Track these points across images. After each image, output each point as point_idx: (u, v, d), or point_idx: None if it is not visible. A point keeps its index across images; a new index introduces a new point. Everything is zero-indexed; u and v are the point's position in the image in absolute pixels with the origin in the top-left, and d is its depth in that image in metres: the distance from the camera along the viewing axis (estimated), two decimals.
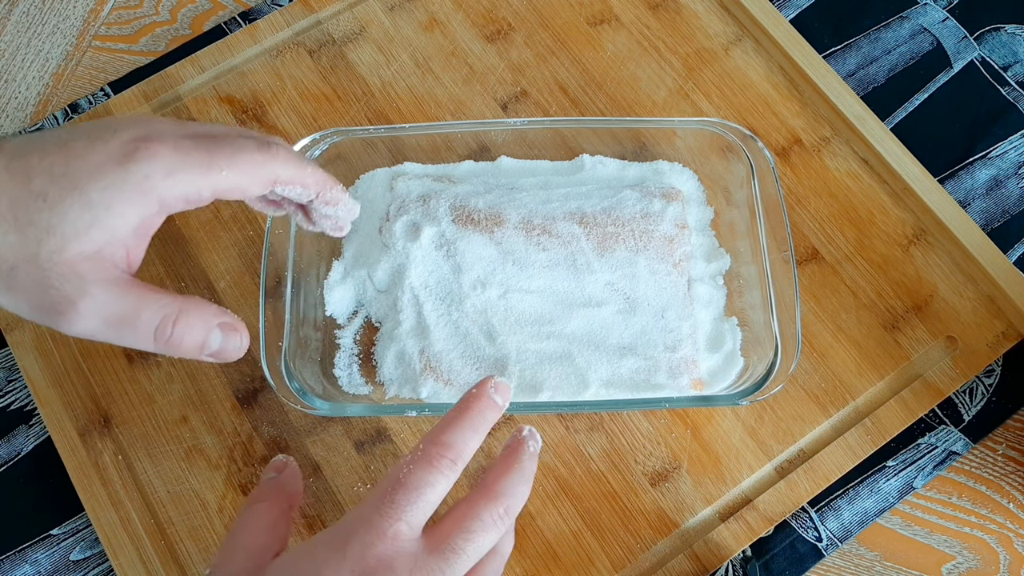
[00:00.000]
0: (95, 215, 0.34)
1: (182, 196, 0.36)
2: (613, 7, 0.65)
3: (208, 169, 0.36)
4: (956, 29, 0.66)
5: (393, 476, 0.36)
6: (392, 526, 0.35)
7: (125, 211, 0.35)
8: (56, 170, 0.34)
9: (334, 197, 0.43)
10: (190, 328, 0.36)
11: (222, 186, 0.37)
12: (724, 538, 0.51)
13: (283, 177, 0.39)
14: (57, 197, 0.34)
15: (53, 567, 0.52)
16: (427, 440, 0.37)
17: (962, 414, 0.55)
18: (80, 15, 0.68)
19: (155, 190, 0.35)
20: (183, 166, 0.35)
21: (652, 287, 0.53)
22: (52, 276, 0.34)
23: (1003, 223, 0.60)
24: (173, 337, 0.36)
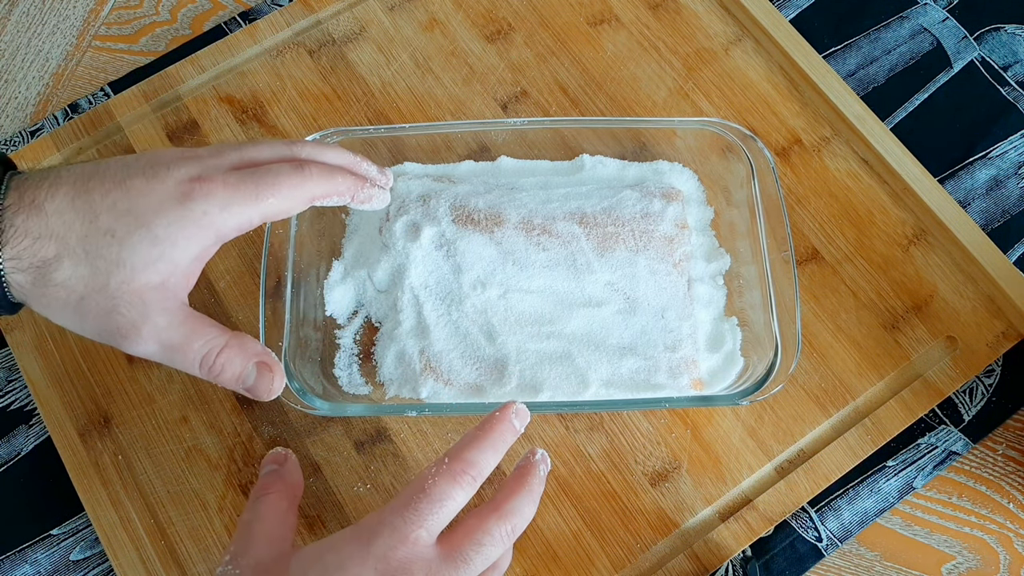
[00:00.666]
0: (161, 250, 0.39)
1: (236, 227, 0.41)
2: (613, 7, 0.65)
3: (256, 200, 0.41)
4: (956, 29, 0.66)
5: (418, 486, 0.39)
6: (414, 532, 0.38)
7: (188, 245, 0.39)
8: (120, 207, 0.38)
9: (367, 196, 0.48)
10: (231, 361, 0.41)
11: (269, 212, 0.42)
12: (724, 538, 0.51)
13: (318, 194, 0.44)
14: (125, 233, 0.38)
15: (53, 567, 0.52)
16: (451, 455, 0.40)
17: (962, 414, 0.55)
18: (80, 15, 0.68)
19: (213, 225, 0.40)
20: (235, 200, 0.40)
21: (652, 287, 0.53)
22: (120, 304, 0.38)
23: (1003, 223, 0.60)
24: (214, 366, 0.40)
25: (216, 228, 0.40)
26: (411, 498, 0.38)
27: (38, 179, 0.39)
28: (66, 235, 0.38)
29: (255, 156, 0.43)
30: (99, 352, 0.55)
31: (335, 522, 0.51)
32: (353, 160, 0.48)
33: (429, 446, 0.53)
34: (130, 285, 0.38)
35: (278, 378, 0.42)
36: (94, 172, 0.39)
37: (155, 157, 0.41)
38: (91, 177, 0.39)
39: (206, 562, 0.51)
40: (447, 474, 0.39)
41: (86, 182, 0.39)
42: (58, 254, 0.38)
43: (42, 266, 0.38)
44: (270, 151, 0.44)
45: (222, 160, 0.42)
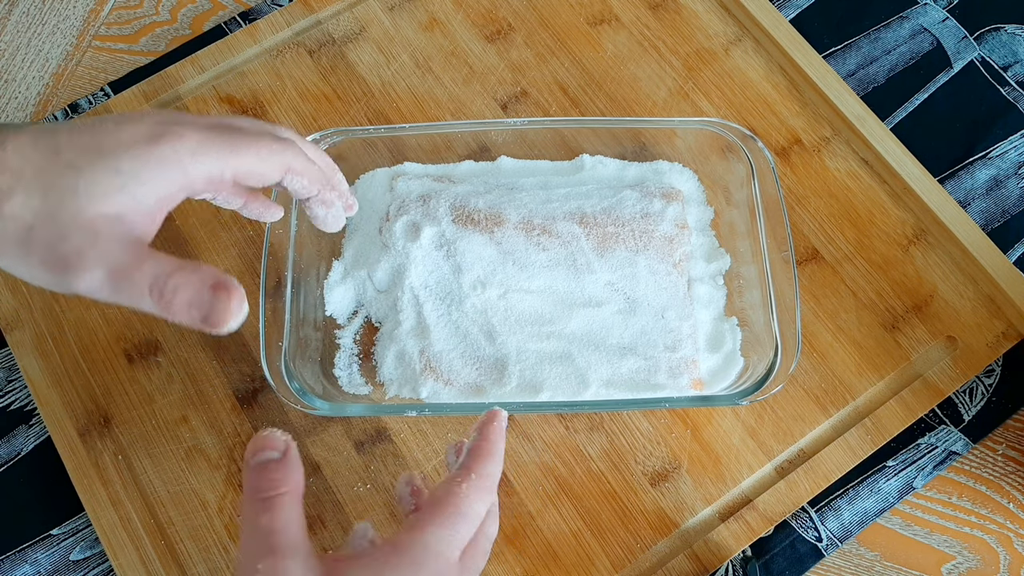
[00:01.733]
0: (123, 181, 0.36)
1: (205, 175, 0.38)
2: (613, 7, 0.65)
3: (231, 152, 0.39)
4: (956, 29, 0.66)
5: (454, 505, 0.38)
6: (453, 554, 0.38)
7: (152, 181, 0.36)
8: (85, 143, 0.36)
9: (330, 199, 0.46)
10: (185, 284, 0.36)
11: (242, 169, 0.39)
12: (724, 538, 0.51)
13: (295, 167, 0.42)
14: (86, 165, 0.35)
15: (53, 567, 0.52)
16: (477, 472, 0.40)
17: (962, 414, 0.55)
18: (80, 15, 0.68)
19: (181, 166, 0.37)
20: (208, 148, 0.38)
21: (652, 287, 0.53)
22: (69, 232, 0.35)
23: (1003, 223, 0.60)
24: (165, 291, 0.35)
25: (184, 171, 0.37)
26: (450, 519, 0.38)
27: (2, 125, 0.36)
28: (23, 169, 0.35)
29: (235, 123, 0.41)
30: (99, 352, 0.55)
31: (335, 522, 0.51)
32: (330, 164, 0.47)
33: (429, 446, 0.53)
34: (83, 214, 0.35)
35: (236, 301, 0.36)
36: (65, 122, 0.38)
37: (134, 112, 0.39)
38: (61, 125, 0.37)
39: (206, 562, 0.51)
40: (479, 492, 0.39)
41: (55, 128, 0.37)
42: (11, 187, 0.35)
43: None
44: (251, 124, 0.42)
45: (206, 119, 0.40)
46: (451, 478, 0.39)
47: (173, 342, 0.56)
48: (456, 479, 0.39)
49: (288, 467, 0.38)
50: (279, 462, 0.38)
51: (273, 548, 0.36)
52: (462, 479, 0.39)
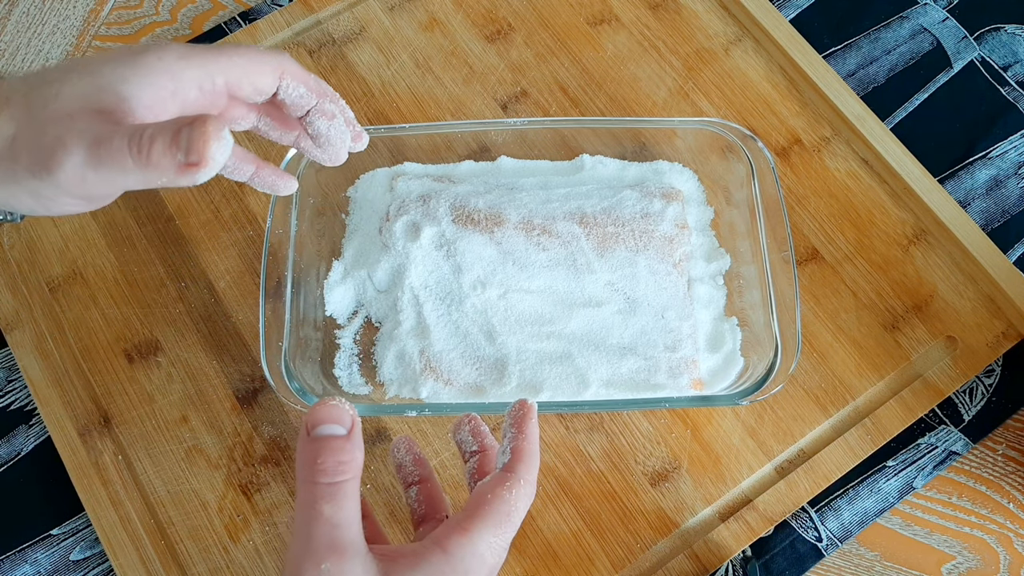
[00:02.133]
0: (106, 81, 0.35)
1: (195, 81, 0.36)
2: (613, 7, 0.65)
3: (219, 55, 0.37)
4: (956, 29, 0.66)
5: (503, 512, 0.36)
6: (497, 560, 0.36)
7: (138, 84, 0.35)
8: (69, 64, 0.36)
9: (331, 110, 0.42)
10: (162, 129, 0.33)
11: (234, 73, 0.37)
12: (724, 538, 0.51)
13: (291, 70, 0.39)
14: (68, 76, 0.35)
15: (53, 567, 0.52)
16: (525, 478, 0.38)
17: (962, 414, 0.55)
18: (80, 15, 0.68)
19: (169, 71, 0.36)
20: (195, 53, 0.36)
21: (652, 287, 0.53)
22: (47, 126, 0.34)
23: (1003, 223, 0.60)
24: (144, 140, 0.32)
25: (172, 75, 0.36)
26: (499, 526, 0.36)
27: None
28: (11, 93, 0.35)
29: None
30: (99, 352, 0.55)
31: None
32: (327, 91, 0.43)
33: (429, 446, 0.53)
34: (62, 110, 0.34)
35: (213, 124, 0.32)
36: None
37: None
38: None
39: (206, 562, 0.51)
40: (526, 498, 0.37)
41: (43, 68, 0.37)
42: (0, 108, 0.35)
43: None
44: None
45: None
46: (499, 481, 0.37)
47: (173, 342, 0.56)
48: (505, 483, 0.37)
49: (355, 448, 0.35)
50: (346, 440, 0.35)
51: (339, 544, 0.34)
52: (511, 484, 0.37)
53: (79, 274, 0.58)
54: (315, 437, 0.35)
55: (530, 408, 0.40)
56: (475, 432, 0.43)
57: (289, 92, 0.40)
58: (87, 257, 0.58)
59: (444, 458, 0.53)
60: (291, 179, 0.44)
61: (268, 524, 0.51)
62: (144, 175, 0.33)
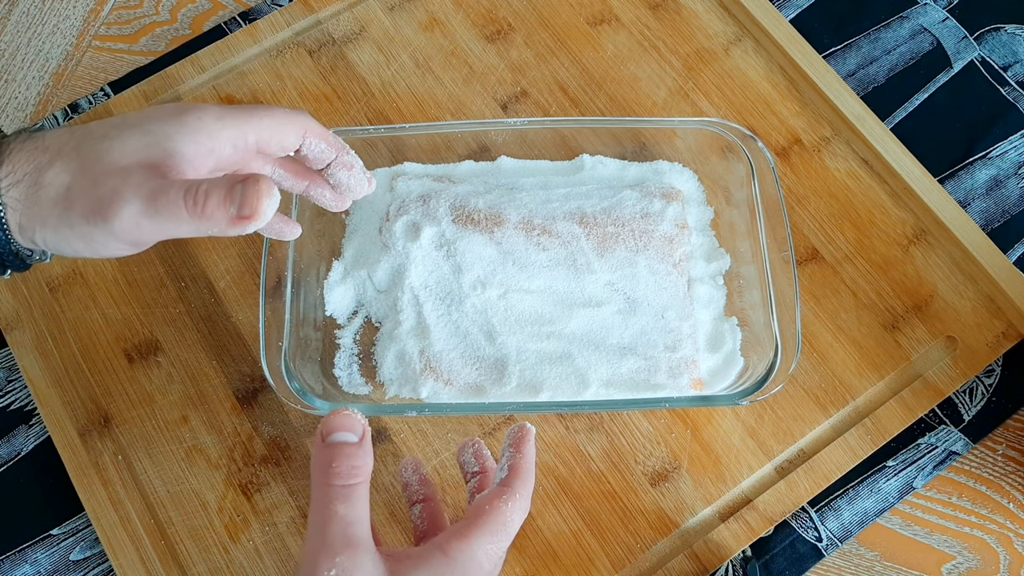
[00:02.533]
0: (154, 139, 0.39)
1: (230, 140, 0.41)
2: (613, 7, 0.65)
3: (250, 117, 0.41)
4: (956, 29, 0.66)
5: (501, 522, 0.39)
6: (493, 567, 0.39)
7: (181, 142, 0.39)
8: (116, 122, 0.40)
9: (350, 161, 0.46)
10: (216, 185, 0.37)
11: (264, 133, 0.42)
12: (724, 538, 0.51)
13: (313, 129, 0.44)
14: (118, 133, 0.39)
15: (53, 567, 0.52)
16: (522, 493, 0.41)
17: (962, 414, 0.55)
18: (80, 15, 0.68)
19: (207, 130, 0.40)
20: (229, 115, 0.41)
21: (652, 287, 0.53)
22: (104, 178, 0.37)
23: (1003, 223, 0.60)
24: (199, 194, 0.36)
25: (210, 135, 0.40)
26: (496, 535, 0.39)
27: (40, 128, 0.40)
28: (62, 147, 0.38)
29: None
30: (99, 352, 0.55)
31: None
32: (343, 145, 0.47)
33: (429, 446, 0.53)
34: (116, 164, 0.38)
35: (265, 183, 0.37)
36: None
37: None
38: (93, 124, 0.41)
39: (206, 562, 0.51)
40: (521, 512, 0.40)
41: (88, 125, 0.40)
42: (51, 160, 0.38)
43: (34, 171, 0.38)
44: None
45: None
46: (496, 494, 0.40)
47: (173, 342, 0.56)
48: (501, 495, 0.40)
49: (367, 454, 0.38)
50: (358, 447, 0.38)
51: (351, 541, 0.36)
52: (507, 497, 0.40)
53: (79, 274, 0.58)
54: (330, 443, 0.38)
55: (528, 431, 0.43)
56: (477, 455, 0.47)
57: (312, 148, 0.44)
58: None
59: (444, 458, 0.53)
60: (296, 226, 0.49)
61: (268, 524, 0.51)
62: (197, 225, 0.37)
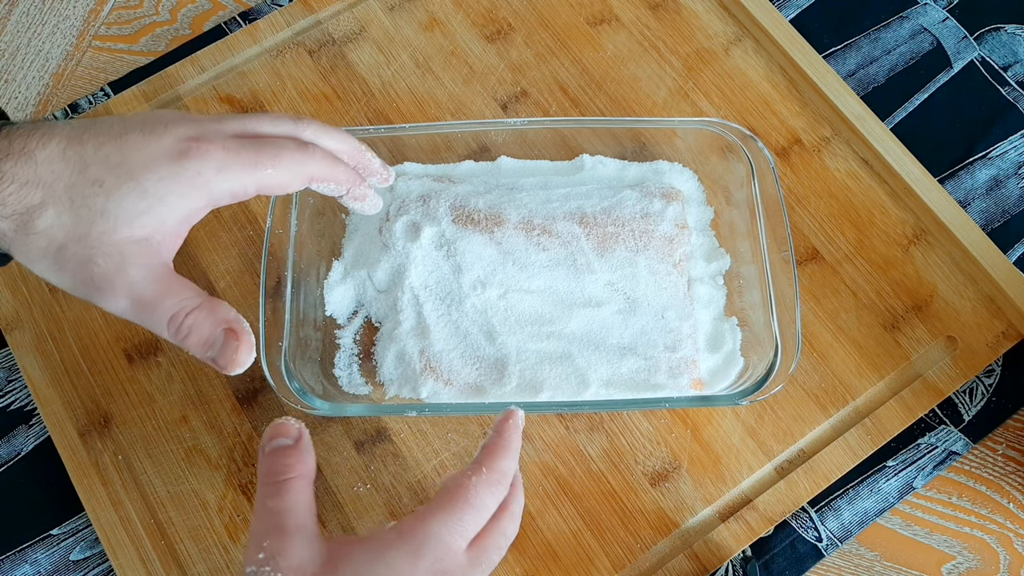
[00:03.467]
0: (148, 204, 0.37)
1: (229, 191, 0.40)
2: (613, 7, 0.65)
3: (255, 167, 0.40)
4: (956, 29, 0.66)
5: (460, 495, 0.39)
6: (457, 542, 0.39)
7: (177, 203, 0.38)
8: (112, 160, 0.37)
9: (361, 193, 0.47)
10: (199, 324, 0.38)
11: (266, 183, 0.40)
12: (724, 538, 0.51)
13: (318, 175, 0.43)
14: (113, 185, 0.37)
15: (53, 567, 0.52)
16: (488, 466, 0.41)
17: (962, 414, 0.55)
18: (80, 15, 0.68)
19: (206, 186, 0.39)
20: (232, 165, 0.39)
21: (652, 287, 0.53)
22: (97, 254, 0.37)
23: (1003, 223, 0.60)
24: (182, 328, 0.38)
25: (209, 190, 0.39)
26: (455, 508, 0.39)
27: (30, 129, 0.38)
28: (53, 183, 0.37)
29: (257, 128, 0.42)
30: (99, 352, 0.55)
31: (335, 522, 0.51)
32: (357, 147, 0.47)
33: (429, 446, 0.53)
34: (111, 236, 0.37)
35: (244, 349, 0.39)
36: (90, 126, 0.39)
37: (154, 115, 0.40)
38: (86, 130, 0.38)
39: (206, 562, 0.51)
40: (487, 484, 0.40)
41: (80, 134, 0.38)
42: (43, 201, 0.36)
43: (25, 213, 0.36)
44: (272, 126, 0.43)
45: (223, 126, 0.41)
46: (461, 471, 0.40)
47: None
48: (466, 472, 0.40)
49: (299, 453, 0.40)
50: (291, 448, 0.40)
51: (279, 527, 0.38)
52: (472, 472, 0.40)
53: None
54: (268, 451, 0.40)
55: (512, 412, 0.43)
56: None
57: (319, 189, 0.44)
58: None
59: (444, 458, 0.53)
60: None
61: None
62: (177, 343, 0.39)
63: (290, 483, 0.39)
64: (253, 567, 0.37)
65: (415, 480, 0.52)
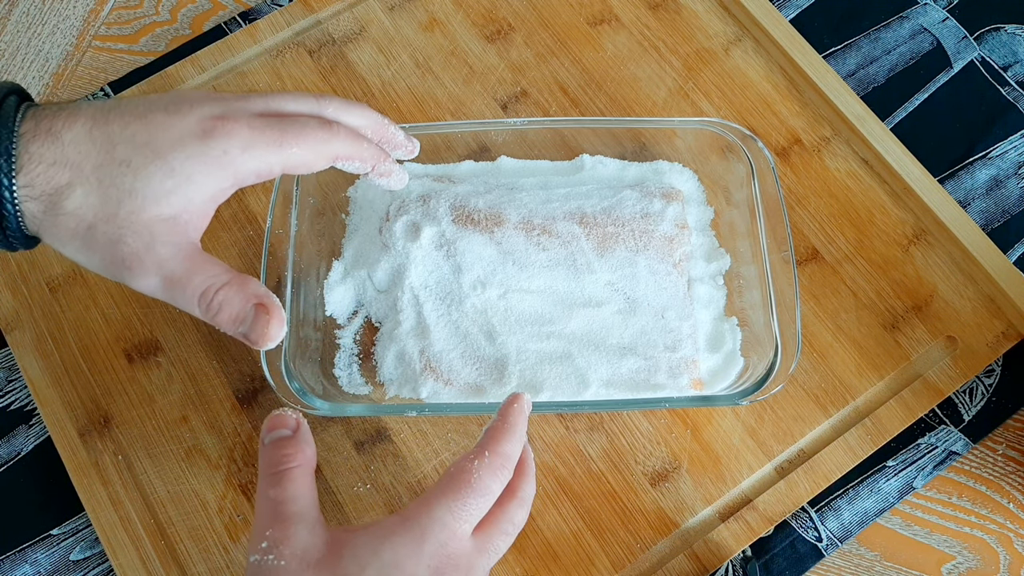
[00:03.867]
0: (176, 183, 0.38)
1: (255, 171, 0.40)
2: (613, 7, 0.65)
3: (280, 147, 0.40)
4: (956, 29, 0.66)
5: (463, 480, 0.39)
6: (461, 527, 0.39)
7: (204, 181, 0.38)
8: (138, 139, 0.37)
9: (387, 169, 0.46)
10: (229, 300, 0.38)
11: (291, 162, 0.41)
12: (724, 538, 0.51)
13: (343, 153, 0.43)
14: (140, 164, 0.37)
15: (53, 567, 0.52)
16: (491, 450, 0.41)
17: (962, 414, 0.55)
18: (80, 15, 0.68)
19: (232, 165, 0.39)
20: (257, 143, 0.39)
21: (652, 287, 0.53)
22: (127, 234, 0.37)
23: (1003, 223, 0.60)
24: (212, 304, 0.38)
25: (235, 169, 0.39)
26: (458, 492, 0.39)
27: (56, 110, 0.38)
28: (81, 163, 0.37)
29: (281, 106, 0.42)
30: (99, 352, 0.55)
31: (335, 522, 0.51)
32: (380, 121, 0.47)
33: (429, 446, 0.53)
34: (139, 215, 0.37)
35: (275, 323, 0.39)
36: (115, 106, 0.39)
37: (179, 95, 0.40)
38: (111, 110, 0.38)
39: (206, 562, 0.51)
40: (490, 468, 0.40)
41: (106, 114, 0.38)
42: (71, 182, 0.37)
43: (54, 194, 0.37)
44: (296, 104, 0.43)
45: (248, 104, 0.41)
46: (464, 456, 0.40)
47: (173, 342, 0.56)
48: (468, 456, 0.40)
49: (298, 443, 0.41)
50: (290, 438, 0.41)
51: (281, 516, 0.38)
52: (475, 456, 0.40)
53: (79, 274, 0.58)
54: (268, 443, 0.41)
55: (517, 396, 0.43)
56: None
57: (345, 168, 0.44)
58: None
59: (444, 458, 0.53)
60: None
61: None
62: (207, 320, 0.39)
63: (290, 472, 0.40)
64: (257, 556, 0.37)
65: (415, 480, 0.52)
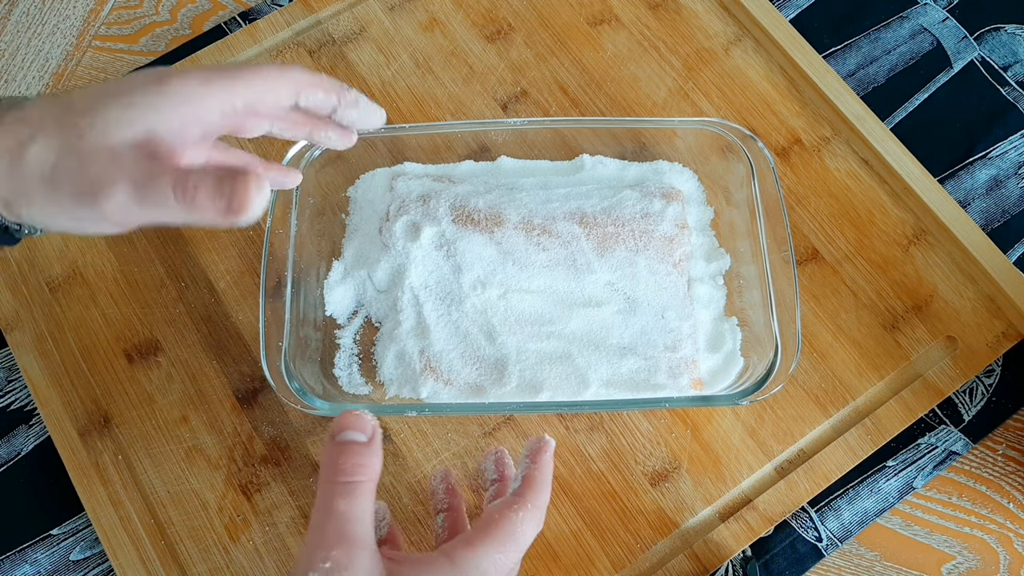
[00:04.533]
0: (138, 112, 0.37)
1: (217, 105, 0.38)
2: (613, 7, 0.65)
3: (237, 79, 0.39)
4: (956, 29, 0.66)
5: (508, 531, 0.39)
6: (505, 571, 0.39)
7: (166, 112, 0.37)
8: (97, 92, 0.37)
9: (353, 98, 0.44)
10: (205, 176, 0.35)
11: (253, 95, 0.39)
12: (724, 538, 0.51)
13: (303, 80, 0.42)
14: (100, 106, 0.37)
15: (53, 567, 0.52)
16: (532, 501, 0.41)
17: (962, 414, 0.55)
18: (80, 15, 0.68)
19: (191, 96, 0.38)
20: (215, 78, 0.38)
21: (652, 287, 0.53)
22: (90, 158, 0.36)
23: (1003, 223, 0.60)
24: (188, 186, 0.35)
25: (195, 101, 0.38)
26: (504, 544, 0.39)
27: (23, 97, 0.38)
28: (42, 119, 0.37)
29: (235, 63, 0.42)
30: (99, 352, 0.55)
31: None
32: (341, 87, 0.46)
33: (429, 446, 0.53)
34: (103, 142, 0.36)
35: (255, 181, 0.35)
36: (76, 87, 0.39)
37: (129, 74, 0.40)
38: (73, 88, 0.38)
39: (206, 562, 0.51)
40: (532, 522, 0.40)
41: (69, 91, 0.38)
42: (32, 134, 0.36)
43: (15, 147, 0.36)
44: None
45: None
46: (507, 504, 0.40)
47: (173, 342, 0.56)
48: (512, 505, 0.40)
49: (373, 453, 0.38)
50: (366, 446, 0.38)
51: (348, 537, 0.36)
52: (519, 507, 0.40)
53: (79, 274, 0.58)
54: (339, 442, 0.38)
55: (547, 443, 0.43)
56: (499, 462, 0.47)
57: (310, 101, 0.42)
58: (87, 257, 0.58)
59: (444, 458, 0.53)
60: (296, 172, 0.47)
61: (268, 524, 0.51)
62: (186, 215, 0.36)
63: (362, 486, 0.37)
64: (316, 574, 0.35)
65: (415, 480, 0.52)
